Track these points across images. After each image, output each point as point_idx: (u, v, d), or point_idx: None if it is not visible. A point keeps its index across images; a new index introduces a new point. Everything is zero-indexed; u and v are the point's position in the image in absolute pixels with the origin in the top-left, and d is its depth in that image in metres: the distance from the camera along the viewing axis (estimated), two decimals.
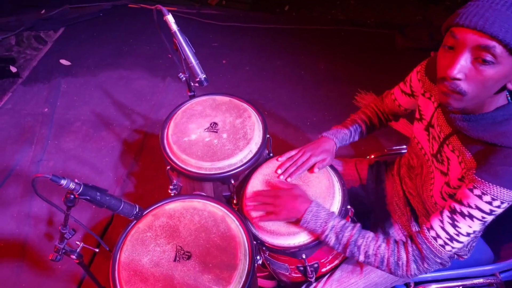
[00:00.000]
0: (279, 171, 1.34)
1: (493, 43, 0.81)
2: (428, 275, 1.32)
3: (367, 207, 1.49)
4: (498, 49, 0.81)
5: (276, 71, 2.98)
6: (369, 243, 1.06)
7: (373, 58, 3.03)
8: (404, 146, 1.69)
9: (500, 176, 0.89)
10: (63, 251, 1.13)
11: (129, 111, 2.74)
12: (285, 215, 1.18)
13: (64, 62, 3.13)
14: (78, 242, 1.19)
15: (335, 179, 1.33)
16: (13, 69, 3.07)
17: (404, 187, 1.36)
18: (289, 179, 1.31)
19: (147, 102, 2.79)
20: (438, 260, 1.02)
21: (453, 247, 0.99)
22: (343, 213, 1.25)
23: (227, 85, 2.87)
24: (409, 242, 1.04)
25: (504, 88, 0.89)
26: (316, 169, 1.31)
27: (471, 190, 0.93)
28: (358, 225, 1.11)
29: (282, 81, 2.90)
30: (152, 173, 2.37)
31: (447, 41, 0.89)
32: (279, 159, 1.38)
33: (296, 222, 1.19)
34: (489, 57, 0.83)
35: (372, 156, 1.72)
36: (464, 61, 0.86)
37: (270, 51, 3.15)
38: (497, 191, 0.90)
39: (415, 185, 1.27)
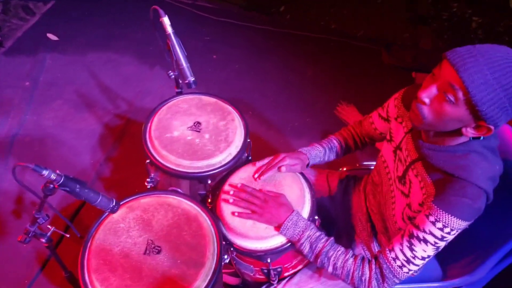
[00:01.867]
0: (256, 175, 1.39)
1: (458, 86, 0.89)
2: None
3: (333, 218, 1.55)
4: (460, 94, 0.90)
5: (265, 72, 3.03)
6: (338, 256, 1.14)
7: (358, 71, 3.10)
8: (374, 163, 1.77)
9: (452, 205, 0.98)
10: (33, 234, 1.14)
11: (114, 95, 2.73)
12: (268, 218, 1.25)
13: (51, 36, 3.08)
14: (49, 226, 1.20)
15: (306, 189, 1.38)
16: None
17: (367, 203, 1.43)
18: (262, 177, 1.37)
19: (133, 88, 2.79)
20: (396, 281, 1.09)
21: (409, 269, 1.07)
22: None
23: (214, 80, 2.90)
24: (373, 261, 1.12)
25: (459, 131, 0.97)
26: (283, 169, 1.35)
27: (427, 217, 1.02)
28: (332, 238, 1.18)
29: (270, 83, 2.94)
30: (130, 160, 2.38)
31: (435, 68, 0.97)
32: (257, 163, 1.43)
33: (277, 227, 1.25)
34: (451, 96, 0.91)
35: (344, 169, 1.79)
36: (434, 90, 0.95)
37: (260, 51, 3.18)
38: (448, 219, 0.98)
39: (378, 202, 1.35)
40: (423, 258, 1.06)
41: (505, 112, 0.90)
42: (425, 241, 1.03)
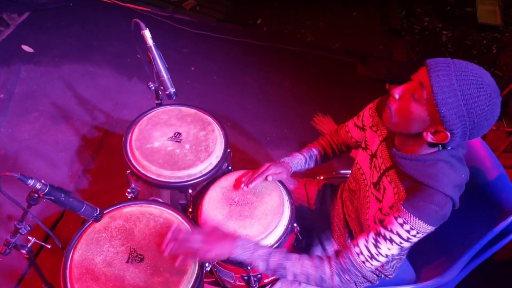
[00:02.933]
0: (243, 185, 1.41)
1: (425, 85, 0.99)
2: None
3: (312, 225, 1.60)
4: (425, 92, 0.99)
5: (243, 84, 3.08)
6: (295, 263, 1.16)
7: (334, 83, 3.20)
8: (350, 171, 1.84)
9: (420, 210, 1.05)
10: (14, 245, 1.14)
11: (92, 107, 2.72)
12: (215, 254, 1.16)
13: (26, 48, 3.04)
14: (30, 237, 1.20)
15: (285, 198, 1.43)
16: None
17: (345, 210, 1.49)
18: (250, 186, 1.39)
19: (111, 100, 2.79)
20: (358, 274, 1.15)
21: (372, 265, 1.13)
22: (289, 230, 1.36)
23: (193, 92, 2.93)
24: (333, 257, 1.17)
25: (421, 136, 1.05)
26: (270, 178, 1.40)
27: (396, 218, 1.08)
28: (284, 250, 1.19)
29: (248, 95, 3.00)
30: (108, 172, 2.37)
31: (413, 75, 1.06)
32: (243, 179, 1.44)
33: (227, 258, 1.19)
34: (416, 95, 1.01)
35: (321, 178, 1.85)
36: (406, 89, 1.05)
37: (239, 64, 3.24)
38: (415, 222, 1.05)
39: (355, 208, 1.40)
40: (386, 256, 1.12)
41: (462, 120, 0.97)
42: (391, 241, 1.09)
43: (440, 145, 1.08)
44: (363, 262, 1.13)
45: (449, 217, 1.08)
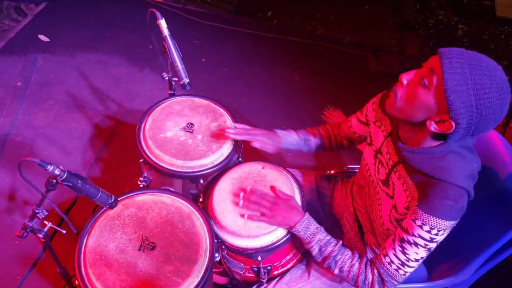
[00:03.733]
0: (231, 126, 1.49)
1: (436, 71, 0.97)
2: None
3: (321, 218, 1.62)
4: (435, 78, 0.97)
5: (253, 76, 3.08)
6: (345, 260, 1.20)
7: (345, 77, 3.19)
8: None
9: (436, 208, 1.04)
10: (31, 229, 1.17)
11: (104, 96, 2.76)
12: (279, 221, 1.29)
13: (42, 37, 3.09)
14: (45, 222, 1.23)
15: (296, 191, 1.44)
16: None
17: (354, 204, 1.49)
18: (237, 136, 1.46)
19: (123, 90, 2.82)
20: (395, 283, 1.16)
21: (405, 272, 1.14)
22: None
23: (203, 83, 2.94)
24: (374, 266, 1.19)
25: (425, 125, 1.04)
26: (256, 144, 1.45)
27: (414, 221, 1.08)
28: (340, 242, 1.24)
29: (258, 87, 3.00)
30: (120, 160, 2.41)
31: (424, 63, 1.05)
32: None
33: (288, 229, 1.30)
34: (426, 80, 0.99)
35: (332, 172, 1.86)
36: (415, 75, 1.04)
37: (249, 56, 3.24)
38: (434, 221, 1.04)
39: (365, 203, 1.41)
40: (416, 260, 1.12)
41: (469, 110, 0.95)
42: (416, 244, 1.09)
43: (443, 138, 1.06)
44: (396, 271, 1.14)
45: (464, 216, 1.06)
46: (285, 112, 2.84)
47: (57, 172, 0.94)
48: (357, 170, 1.82)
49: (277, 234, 1.34)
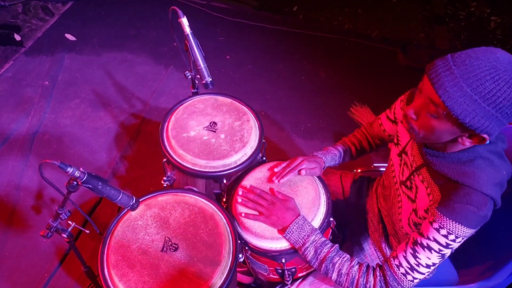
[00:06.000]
0: (274, 178, 1.39)
1: (437, 102, 0.90)
2: None
3: (347, 219, 1.56)
4: (441, 109, 0.90)
5: (278, 73, 3.04)
6: (344, 262, 1.13)
7: (373, 72, 3.10)
8: (386, 165, 1.77)
9: (457, 212, 0.97)
10: (55, 229, 1.18)
11: (129, 94, 2.78)
12: (274, 221, 1.26)
13: (69, 37, 3.14)
14: (70, 222, 1.24)
15: (322, 191, 1.39)
16: (17, 37, 3.07)
17: (379, 205, 1.44)
18: (282, 180, 1.38)
19: (148, 88, 2.83)
20: None
21: (414, 277, 1.06)
22: (325, 225, 1.32)
23: (228, 81, 2.92)
24: (377, 269, 1.12)
25: (457, 141, 0.97)
26: (303, 172, 1.37)
27: (431, 223, 1.01)
28: (337, 245, 1.18)
29: (282, 84, 2.96)
30: (145, 159, 2.42)
31: (420, 83, 0.98)
32: (275, 169, 1.43)
33: (281, 230, 1.25)
34: (433, 112, 0.92)
35: (358, 170, 1.80)
36: (419, 107, 0.96)
37: (274, 52, 3.20)
38: (452, 226, 0.97)
39: (388, 205, 1.35)
40: (427, 266, 1.04)
41: (495, 120, 0.88)
42: (429, 248, 1.02)
43: None
44: (404, 275, 1.06)
45: (499, 216, 1.00)
46: (309, 109, 2.79)
47: (77, 174, 0.93)
48: (383, 170, 1.76)
49: None
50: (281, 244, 1.28)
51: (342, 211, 1.57)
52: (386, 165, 1.77)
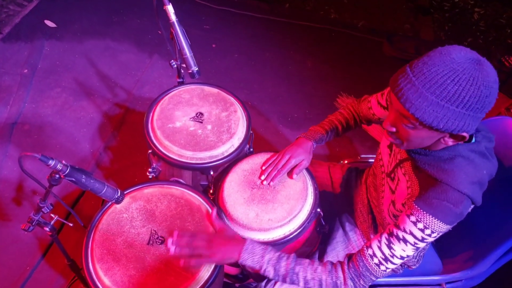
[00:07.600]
0: (263, 177, 1.37)
1: (407, 115, 0.92)
2: (380, 280, 1.42)
3: (335, 209, 1.56)
4: (413, 120, 0.92)
5: (265, 62, 3.01)
6: (306, 268, 1.09)
7: (359, 62, 3.10)
8: (374, 156, 1.78)
9: (434, 207, 0.98)
10: (37, 222, 1.14)
11: (113, 83, 2.71)
12: (220, 257, 1.12)
13: (49, 23, 3.03)
14: (52, 215, 1.20)
15: (309, 182, 1.39)
16: None
17: (369, 196, 1.44)
18: (271, 183, 1.36)
19: (132, 77, 2.77)
20: (373, 278, 1.08)
21: (387, 267, 1.07)
22: (313, 215, 1.32)
23: (214, 70, 2.88)
24: (345, 262, 1.10)
25: (440, 141, 0.99)
26: (294, 175, 1.37)
27: (408, 217, 1.02)
28: (293, 254, 1.13)
29: (269, 74, 2.93)
30: (129, 149, 2.37)
31: (387, 96, 0.97)
32: (263, 167, 1.40)
33: (234, 263, 1.14)
34: (408, 124, 0.95)
35: (346, 162, 1.80)
36: (394, 121, 0.99)
37: (260, 41, 3.16)
38: (429, 220, 0.99)
39: (378, 195, 1.36)
40: (401, 258, 1.05)
41: (468, 117, 0.89)
42: (405, 241, 1.03)
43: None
44: (377, 265, 1.06)
45: (483, 207, 1.02)
46: (296, 100, 2.78)
47: (59, 167, 0.90)
48: (371, 161, 1.77)
49: (289, 227, 1.30)
50: (269, 236, 1.28)
51: (330, 202, 1.57)
52: (374, 156, 1.78)
